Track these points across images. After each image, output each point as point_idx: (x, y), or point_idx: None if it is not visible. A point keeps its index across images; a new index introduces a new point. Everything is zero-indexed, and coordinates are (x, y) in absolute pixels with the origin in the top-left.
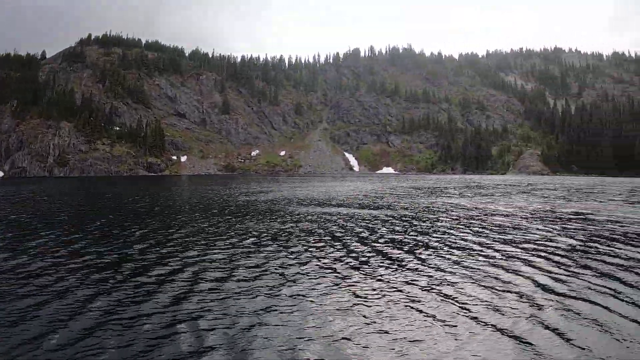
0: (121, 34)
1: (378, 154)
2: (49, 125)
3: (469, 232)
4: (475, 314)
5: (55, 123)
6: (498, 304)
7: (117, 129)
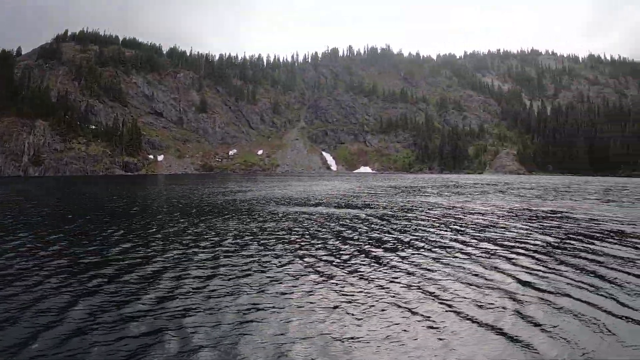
0: (98, 31)
1: (355, 154)
2: (23, 123)
3: (448, 231)
4: (459, 310)
5: (30, 121)
6: (481, 301)
7: (93, 127)
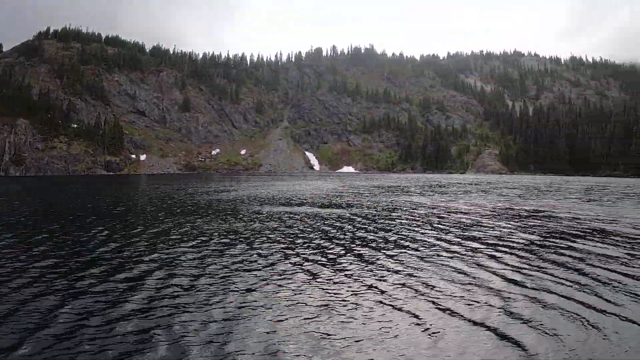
0: (81, 28)
1: (339, 153)
2: (4, 122)
3: (433, 230)
4: (447, 308)
5: (11, 120)
6: (468, 298)
7: (75, 126)
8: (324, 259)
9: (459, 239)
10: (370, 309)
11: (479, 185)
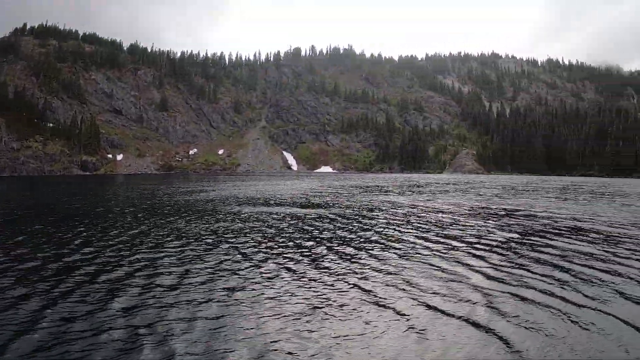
0: (58, 25)
1: (317, 153)
2: None
3: (413, 229)
4: (432, 305)
5: None
6: (452, 295)
7: (51, 125)
8: (306, 259)
9: (439, 238)
10: (355, 307)
11: (457, 184)
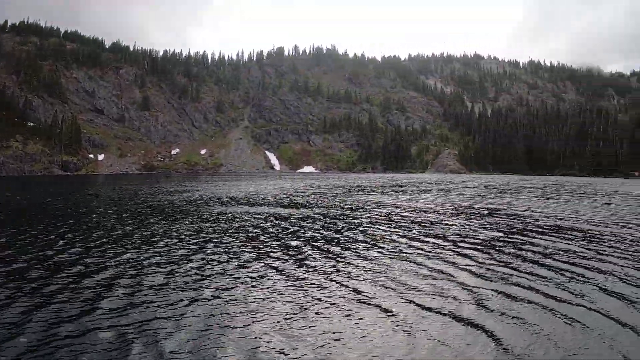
0: (39, 22)
1: (299, 153)
2: None
3: (398, 228)
4: (419, 303)
5: None
6: (437, 293)
7: (32, 124)
8: (293, 259)
9: (423, 237)
10: (343, 306)
11: (440, 184)
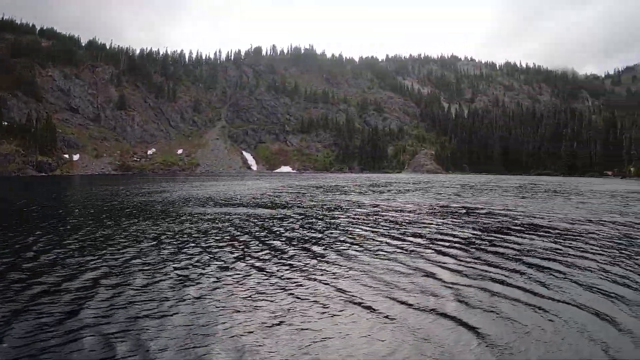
0: (14, 19)
1: (276, 153)
2: None
3: (377, 227)
4: (403, 301)
5: None
6: (421, 290)
7: (5, 124)
8: (275, 259)
9: (403, 236)
10: (327, 305)
11: (417, 184)
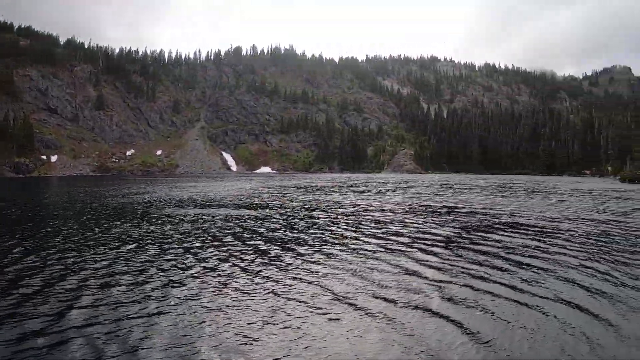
0: None
1: (256, 154)
2: None
3: (359, 227)
4: (390, 299)
5: None
6: (406, 288)
7: None
8: (259, 259)
9: (385, 235)
10: (313, 304)
11: (397, 184)
